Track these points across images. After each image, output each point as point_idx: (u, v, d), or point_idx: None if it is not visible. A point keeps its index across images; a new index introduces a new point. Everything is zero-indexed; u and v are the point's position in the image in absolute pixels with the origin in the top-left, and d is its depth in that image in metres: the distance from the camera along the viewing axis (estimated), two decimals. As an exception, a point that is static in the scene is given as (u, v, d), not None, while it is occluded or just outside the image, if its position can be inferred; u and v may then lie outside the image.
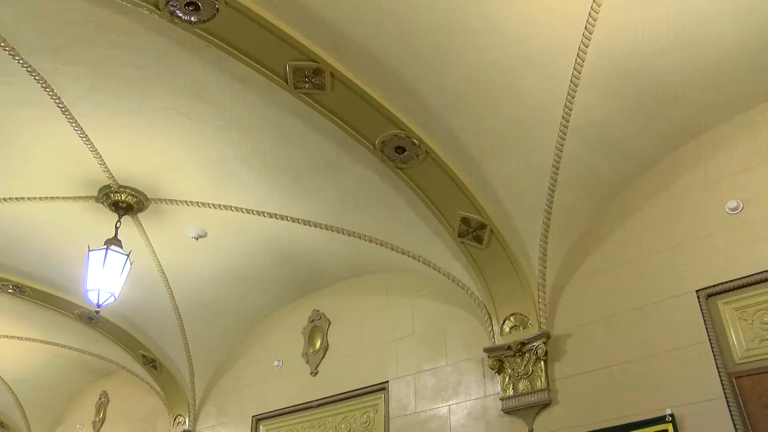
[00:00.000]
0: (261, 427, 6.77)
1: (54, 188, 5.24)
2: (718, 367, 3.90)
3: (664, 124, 4.37)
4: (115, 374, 8.96)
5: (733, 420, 3.73)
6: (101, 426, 9.03)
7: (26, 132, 4.66)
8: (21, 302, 6.88)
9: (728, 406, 3.78)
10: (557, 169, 4.41)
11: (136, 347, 7.37)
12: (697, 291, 4.15)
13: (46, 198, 5.33)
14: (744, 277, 3.98)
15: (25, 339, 8.04)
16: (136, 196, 5.25)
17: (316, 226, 5.48)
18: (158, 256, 6.12)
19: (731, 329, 3.97)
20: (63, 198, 5.33)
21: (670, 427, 3.90)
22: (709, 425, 3.80)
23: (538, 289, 4.83)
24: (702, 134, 4.47)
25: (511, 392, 4.75)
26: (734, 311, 4.00)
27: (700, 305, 4.10)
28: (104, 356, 7.99)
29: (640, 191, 4.69)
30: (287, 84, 3.87)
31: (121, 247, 5.22)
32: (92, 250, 5.16)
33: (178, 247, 5.99)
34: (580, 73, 3.86)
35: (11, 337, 7.99)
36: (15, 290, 6.61)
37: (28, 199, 5.33)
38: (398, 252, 5.54)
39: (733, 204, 4.17)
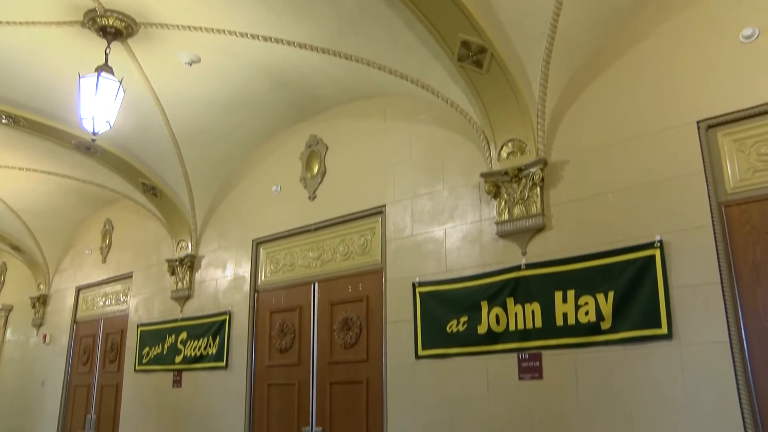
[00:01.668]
0: (261, 249, 7.03)
1: (35, 12, 4.97)
2: (709, 197, 3.98)
3: (681, -58, 4.11)
4: (117, 202, 9.18)
5: (716, 245, 3.89)
6: (108, 252, 9.41)
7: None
8: (17, 133, 6.82)
9: (714, 232, 3.92)
10: (563, -8, 4.22)
11: (136, 175, 7.45)
12: (697, 122, 4.12)
13: (27, 23, 5.07)
14: (747, 109, 3.92)
15: (27, 169, 8.09)
16: (124, 21, 5.02)
17: (313, 50, 5.31)
18: (152, 83, 5.98)
19: (727, 160, 4.00)
20: (46, 23, 5.08)
21: (657, 252, 4.07)
22: (694, 250, 3.96)
23: (537, 116, 4.79)
24: (721, -46, 4.21)
25: (506, 217, 4.88)
26: (732, 143, 4.00)
27: (699, 136, 4.09)
28: (105, 185, 8.10)
29: (649, 17, 4.49)
30: None
31: (112, 73, 5.09)
32: (83, 77, 5.04)
33: (171, 74, 5.84)
34: None
35: (12, 167, 8.03)
36: (9, 120, 6.52)
37: (7, 23, 5.07)
38: (396, 76, 5.41)
39: (748, 31, 3.98)
